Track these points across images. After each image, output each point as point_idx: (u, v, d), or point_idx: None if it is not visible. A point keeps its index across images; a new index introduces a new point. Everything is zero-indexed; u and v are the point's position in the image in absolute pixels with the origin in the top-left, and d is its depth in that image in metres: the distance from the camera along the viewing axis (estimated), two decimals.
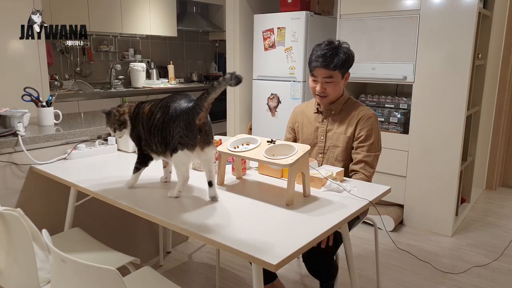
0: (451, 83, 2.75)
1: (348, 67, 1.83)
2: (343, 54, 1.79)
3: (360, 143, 1.82)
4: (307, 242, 1.12)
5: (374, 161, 1.83)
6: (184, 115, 1.37)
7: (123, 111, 1.52)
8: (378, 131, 1.85)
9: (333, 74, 1.79)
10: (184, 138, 1.37)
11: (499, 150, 3.84)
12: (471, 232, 2.98)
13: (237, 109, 4.08)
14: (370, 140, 1.81)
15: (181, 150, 1.38)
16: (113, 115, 1.51)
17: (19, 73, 3.16)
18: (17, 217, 1.29)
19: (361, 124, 1.83)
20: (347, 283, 2.10)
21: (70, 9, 4.02)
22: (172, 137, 1.39)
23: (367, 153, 1.80)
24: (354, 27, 3.10)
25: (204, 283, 2.30)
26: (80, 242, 1.74)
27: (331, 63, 1.77)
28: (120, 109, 1.52)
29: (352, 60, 1.84)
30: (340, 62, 1.78)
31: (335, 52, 1.78)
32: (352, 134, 1.84)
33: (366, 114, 1.84)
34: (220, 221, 1.29)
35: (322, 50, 1.79)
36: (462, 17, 2.64)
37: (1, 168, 1.82)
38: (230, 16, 3.94)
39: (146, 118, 1.46)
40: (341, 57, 1.78)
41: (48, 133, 1.95)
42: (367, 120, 1.83)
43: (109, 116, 1.53)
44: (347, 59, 1.80)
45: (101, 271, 1.01)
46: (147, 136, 1.47)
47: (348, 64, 1.82)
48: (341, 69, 1.80)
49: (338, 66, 1.78)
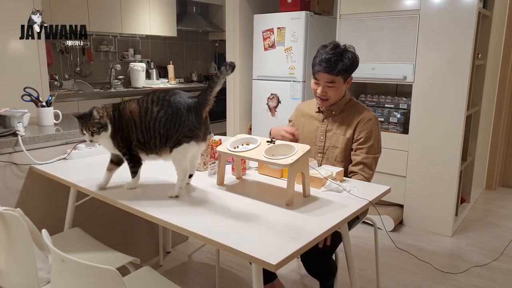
0: (451, 83, 2.75)
1: (351, 72, 1.81)
2: (347, 59, 1.76)
3: (360, 145, 1.82)
4: (307, 242, 1.12)
5: (373, 163, 1.82)
6: (193, 108, 1.42)
7: (102, 113, 1.46)
8: (378, 134, 1.85)
9: (335, 79, 1.78)
10: (195, 130, 1.42)
11: (499, 150, 3.84)
12: (471, 232, 2.98)
13: (237, 109, 4.08)
14: (370, 142, 1.81)
15: (186, 143, 1.43)
16: (94, 117, 1.43)
17: (19, 73, 3.16)
18: (17, 217, 1.29)
19: (360, 126, 1.82)
20: (347, 283, 2.10)
21: (70, 9, 4.02)
22: (177, 130, 1.41)
23: (366, 155, 1.80)
24: (354, 27, 3.10)
25: (204, 283, 2.30)
26: (80, 242, 1.74)
27: (335, 69, 1.75)
28: (100, 110, 1.46)
29: (356, 65, 1.82)
30: (344, 68, 1.76)
31: (339, 58, 1.75)
32: (351, 135, 1.84)
33: (366, 116, 1.83)
34: (220, 221, 1.29)
35: (327, 54, 1.76)
36: (462, 17, 2.64)
37: (1, 168, 1.82)
38: (230, 16, 3.94)
39: (138, 115, 1.44)
40: (345, 63, 1.76)
41: (48, 133, 1.95)
42: (367, 122, 1.82)
43: (86, 119, 1.43)
44: (352, 65, 1.78)
45: (101, 271, 1.01)
46: (144, 134, 1.45)
47: (351, 70, 1.80)
48: (344, 75, 1.78)
49: (341, 72, 1.76)
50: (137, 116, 1.45)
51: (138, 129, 1.45)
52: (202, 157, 1.77)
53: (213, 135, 1.82)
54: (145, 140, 1.46)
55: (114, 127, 1.47)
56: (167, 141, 1.44)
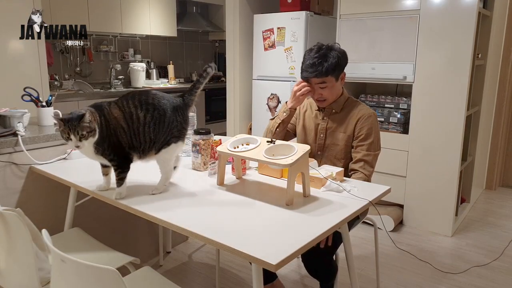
0: (451, 83, 2.75)
1: (341, 69, 1.81)
2: (332, 58, 1.76)
3: (360, 142, 1.82)
4: (307, 242, 1.12)
5: (374, 160, 1.83)
6: (179, 109, 1.45)
7: (93, 117, 1.36)
8: (377, 130, 1.85)
9: (326, 79, 1.79)
10: (182, 130, 1.46)
11: (499, 150, 3.84)
12: (471, 232, 2.98)
13: (237, 109, 4.08)
14: (370, 139, 1.81)
15: (174, 143, 1.46)
16: (85, 120, 1.31)
17: (19, 73, 3.16)
18: (17, 217, 1.29)
19: (360, 123, 1.83)
20: (347, 283, 2.10)
21: (70, 9, 4.02)
22: (165, 132, 1.43)
23: (367, 152, 1.80)
24: (354, 27, 3.10)
25: (204, 283, 2.30)
26: (80, 242, 1.74)
27: (321, 71, 1.76)
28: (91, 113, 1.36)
29: (345, 60, 1.82)
30: (330, 67, 1.76)
31: (324, 59, 1.76)
32: (352, 133, 1.84)
33: (366, 113, 1.84)
34: (220, 221, 1.29)
35: (311, 59, 1.78)
36: (462, 17, 2.64)
37: (1, 168, 1.82)
38: (230, 16, 3.94)
39: (125, 121, 1.40)
40: (331, 62, 1.76)
41: (48, 133, 1.95)
42: (367, 119, 1.83)
43: (74, 122, 1.31)
44: (338, 61, 1.78)
45: (101, 271, 1.01)
46: (134, 139, 1.42)
47: (340, 67, 1.80)
48: (333, 73, 1.78)
49: (329, 71, 1.77)
50: (124, 122, 1.41)
51: (127, 134, 1.42)
52: (202, 157, 1.77)
53: (213, 135, 1.82)
54: (138, 145, 1.44)
55: (101, 133, 1.38)
56: (155, 143, 1.45)
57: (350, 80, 3.21)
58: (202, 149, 1.76)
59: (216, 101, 5.39)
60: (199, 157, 1.78)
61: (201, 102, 5.21)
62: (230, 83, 4.06)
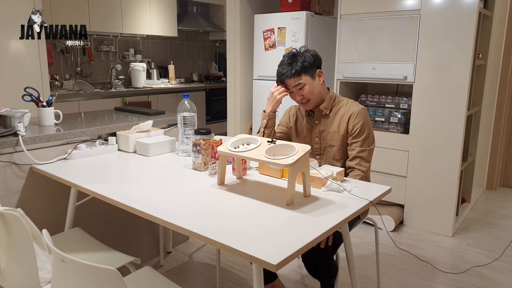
0: (451, 83, 2.75)
1: (312, 67, 1.83)
2: (303, 58, 1.80)
3: (354, 139, 1.83)
4: (308, 242, 1.12)
5: (369, 156, 1.84)
6: None
7: None
8: (370, 125, 1.87)
9: (300, 79, 1.81)
10: None
11: (500, 150, 3.84)
12: (472, 232, 2.98)
13: (237, 109, 4.08)
14: (364, 134, 1.82)
15: None
16: None
17: (19, 73, 3.16)
18: (17, 217, 1.29)
19: (352, 120, 1.84)
20: (347, 283, 2.10)
21: (70, 9, 4.02)
22: None
23: (361, 148, 1.82)
24: (355, 27, 3.10)
25: (205, 283, 2.31)
26: (81, 242, 1.74)
27: (291, 74, 1.80)
28: None
29: (316, 58, 1.84)
30: (301, 66, 1.79)
31: (292, 61, 1.81)
32: (345, 131, 1.86)
33: (356, 110, 1.85)
34: (220, 221, 1.29)
35: (281, 65, 1.85)
36: (463, 17, 2.64)
37: (2, 168, 1.82)
38: (231, 16, 3.94)
39: None
40: (301, 61, 1.80)
41: (49, 133, 1.95)
42: (358, 115, 1.84)
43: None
44: (309, 60, 1.81)
45: (101, 271, 1.01)
46: None
47: (310, 65, 1.82)
48: (306, 72, 1.81)
49: (301, 70, 1.80)
50: None
51: None
52: (202, 157, 1.77)
53: (214, 135, 1.82)
54: None
55: None
56: None
57: (350, 80, 3.22)
58: (202, 149, 1.76)
59: (216, 101, 5.38)
60: (199, 157, 1.78)
61: (201, 102, 5.20)
62: (231, 83, 4.06)
